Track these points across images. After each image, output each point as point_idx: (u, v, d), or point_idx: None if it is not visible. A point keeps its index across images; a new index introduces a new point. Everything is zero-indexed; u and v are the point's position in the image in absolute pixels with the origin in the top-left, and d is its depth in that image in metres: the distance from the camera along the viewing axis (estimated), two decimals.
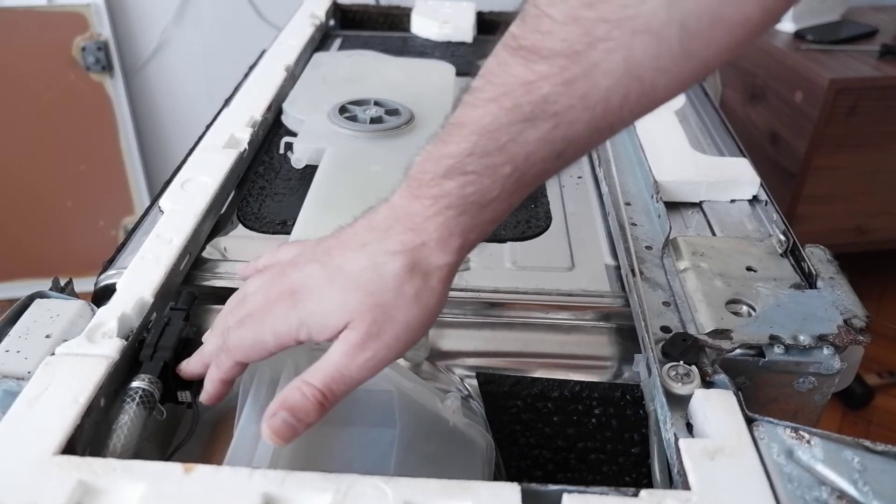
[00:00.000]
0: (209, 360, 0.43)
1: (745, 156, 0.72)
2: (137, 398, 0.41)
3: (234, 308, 0.42)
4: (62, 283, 0.53)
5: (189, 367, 0.44)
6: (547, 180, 0.40)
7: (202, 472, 0.35)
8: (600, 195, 0.70)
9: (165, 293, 0.51)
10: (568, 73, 0.35)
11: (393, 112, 0.79)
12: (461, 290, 0.56)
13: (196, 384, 0.45)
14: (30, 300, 0.49)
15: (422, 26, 1.13)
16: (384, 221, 0.39)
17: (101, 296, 0.53)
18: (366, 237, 0.39)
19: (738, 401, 0.41)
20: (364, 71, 0.93)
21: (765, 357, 0.47)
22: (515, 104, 0.36)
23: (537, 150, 0.37)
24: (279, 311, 0.39)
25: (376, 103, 0.80)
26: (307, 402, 0.37)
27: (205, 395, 0.43)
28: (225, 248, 0.61)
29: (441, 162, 0.38)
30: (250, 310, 0.41)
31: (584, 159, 0.77)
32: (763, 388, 0.48)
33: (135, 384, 0.42)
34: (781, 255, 0.57)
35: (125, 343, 0.44)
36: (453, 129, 0.38)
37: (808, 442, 0.38)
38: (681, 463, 0.38)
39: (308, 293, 0.39)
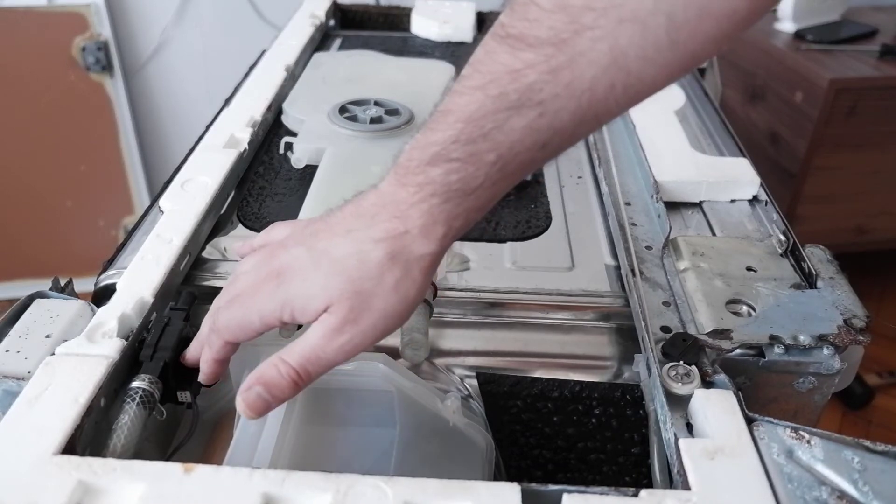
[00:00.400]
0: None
1: (745, 156, 0.72)
2: (137, 398, 0.41)
3: (225, 289, 0.43)
4: (62, 283, 0.53)
5: (190, 353, 0.45)
6: (532, 171, 0.41)
7: (202, 472, 0.35)
8: (600, 195, 0.70)
9: (165, 293, 0.51)
10: (554, 61, 0.36)
11: (393, 112, 0.79)
12: (461, 290, 0.56)
13: (196, 384, 0.45)
14: (30, 300, 0.49)
15: (422, 26, 1.13)
16: (371, 208, 0.40)
17: (101, 296, 0.53)
18: (352, 223, 0.40)
19: (738, 401, 0.41)
20: (364, 71, 0.93)
21: (765, 357, 0.47)
22: (501, 92, 0.36)
23: (522, 138, 0.37)
24: (265, 292, 0.40)
25: (376, 103, 0.80)
26: (282, 379, 0.38)
27: (201, 376, 0.44)
28: (225, 248, 0.61)
29: (427, 149, 0.38)
30: (239, 290, 0.42)
31: (584, 159, 0.77)
32: (763, 388, 0.48)
33: (135, 384, 0.42)
34: (781, 255, 0.57)
35: (125, 343, 0.44)
36: (440, 117, 0.38)
37: (808, 442, 0.38)
38: (681, 463, 0.38)
39: (293, 275, 0.40)
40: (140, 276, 0.50)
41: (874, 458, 0.38)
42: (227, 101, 0.81)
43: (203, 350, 0.44)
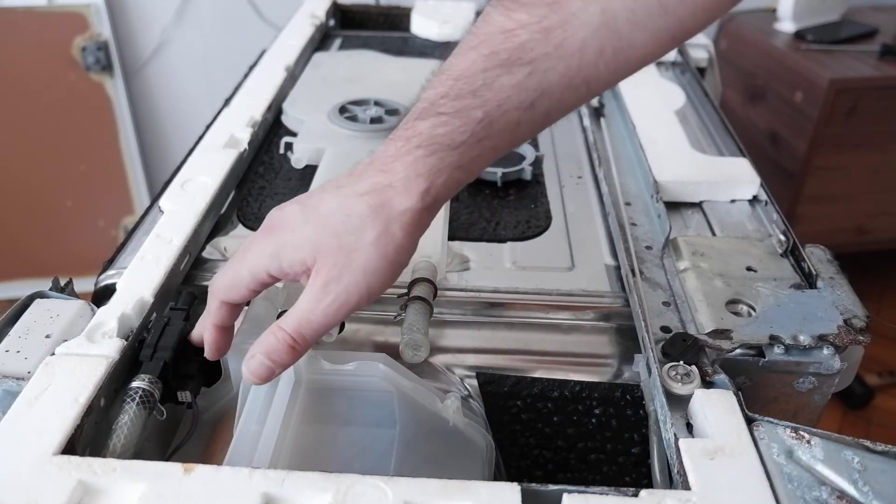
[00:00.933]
0: None
1: (745, 156, 0.72)
2: (137, 398, 0.41)
3: None
4: (62, 283, 0.53)
5: (195, 331, 0.45)
6: (518, 141, 0.42)
7: (202, 472, 0.35)
8: (600, 195, 0.70)
9: (165, 293, 0.51)
10: (546, 21, 0.37)
11: (393, 112, 0.79)
12: (461, 290, 0.56)
13: (196, 384, 0.45)
14: (30, 300, 0.49)
15: (422, 26, 1.13)
16: (361, 166, 0.41)
17: (101, 296, 0.53)
18: (343, 181, 0.41)
19: (738, 401, 0.41)
20: (364, 71, 0.93)
21: (765, 357, 0.47)
22: (493, 51, 0.38)
23: (510, 96, 0.38)
24: (256, 247, 0.41)
25: (376, 103, 0.80)
26: (280, 345, 0.39)
27: (206, 349, 0.44)
28: (225, 248, 0.61)
29: (417, 106, 0.40)
30: (237, 253, 0.42)
31: (584, 159, 0.77)
32: (763, 388, 0.48)
33: (135, 384, 0.42)
34: (781, 255, 0.57)
35: (125, 343, 0.44)
36: (434, 78, 0.40)
37: (808, 442, 0.38)
38: (681, 463, 0.38)
39: (283, 228, 0.40)
40: (140, 276, 0.50)
41: (874, 458, 0.38)
42: (227, 101, 0.81)
43: (202, 318, 0.44)
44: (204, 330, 0.44)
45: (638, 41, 0.38)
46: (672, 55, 0.99)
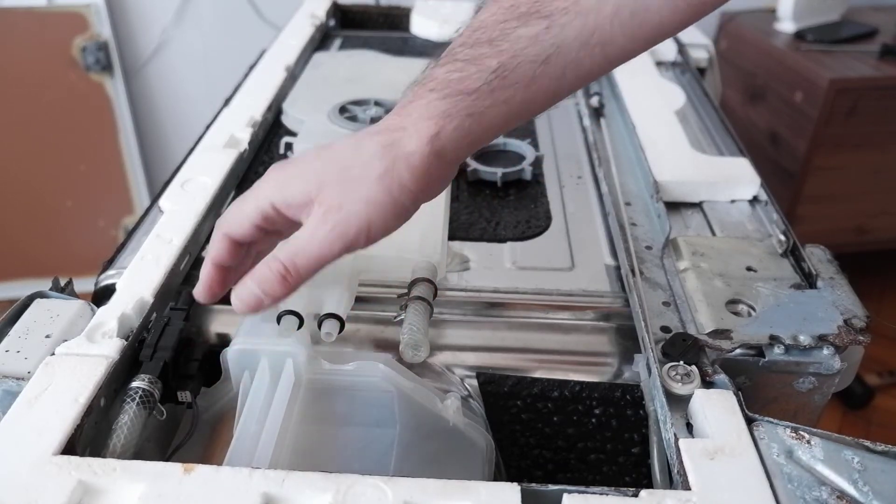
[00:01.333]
0: None
1: (745, 156, 0.72)
2: (137, 398, 0.41)
3: None
4: (62, 283, 0.53)
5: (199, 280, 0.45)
6: (531, 98, 0.41)
7: (202, 472, 0.35)
8: (600, 195, 0.70)
9: (165, 293, 0.51)
10: None
11: None
12: (461, 290, 0.56)
13: (196, 384, 0.45)
14: (30, 300, 0.49)
15: (422, 26, 1.13)
16: (381, 120, 0.42)
17: (101, 296, 0.53)
18: (362, 131, 0.42)
19: (738, 401, 0.41)
20: (364, 71, 0.93)
21: (765, 357, 0.47)
22: (513, 4, 0.40)
23: (527, 47, 0.39)
24: (265, 180, 0.41)
25: (376, 103, 0.80)
26: (271, 273, 0.39)
27: (198, 286, 0.43)
28: None
29: (439, 58, 0.41)
30: (248, 190, 0.43)
31: (584, 159, 0.77)
32: (763, 388, 0.48)
33: (135, 384, 0.42)
34: (781, 255, 0.57)
35: (125, 343, 0.44)
36: (461, 31, 0.41)
37: (808, 442, 0.38)
38: (681, 463, 0.38)
39: (293, 164, 0.41)
40: (140, 276, 0.50)
41: (874, 458, 0.38)
42: (227, 101, 0.81)
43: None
44: (203, 271, 0.43)
45: (653, 3, 0.38)
46: (672, 55, 0.99)
